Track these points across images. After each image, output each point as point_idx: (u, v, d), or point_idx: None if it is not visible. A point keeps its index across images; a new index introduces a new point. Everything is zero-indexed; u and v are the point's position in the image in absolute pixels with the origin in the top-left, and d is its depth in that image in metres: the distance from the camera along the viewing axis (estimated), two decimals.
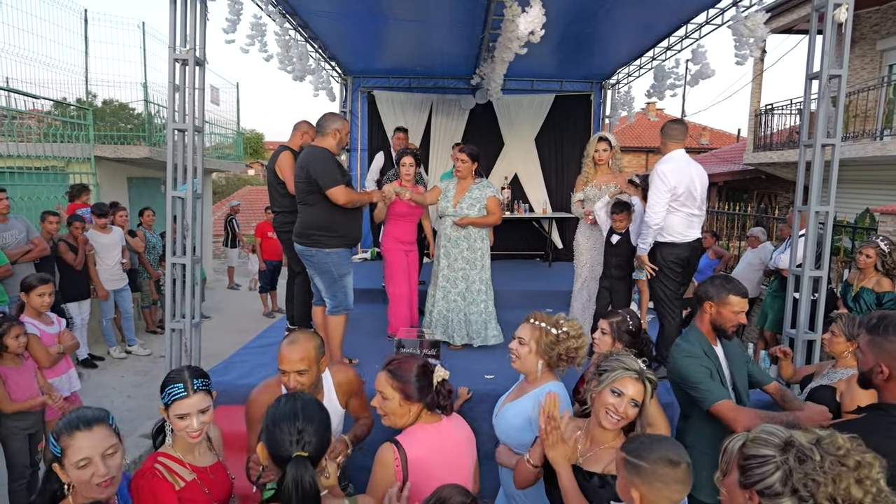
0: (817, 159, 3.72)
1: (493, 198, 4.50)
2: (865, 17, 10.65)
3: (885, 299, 4.12)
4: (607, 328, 2.67)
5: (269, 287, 9.07)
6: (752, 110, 12.65)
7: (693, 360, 2.40)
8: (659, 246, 3.76)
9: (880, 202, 7.36)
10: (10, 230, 5.06)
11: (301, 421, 1.55)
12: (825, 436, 1.22)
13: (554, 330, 2.23)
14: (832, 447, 1.19)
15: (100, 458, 1.55)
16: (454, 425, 2.07)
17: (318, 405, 1.66)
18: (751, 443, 1.27)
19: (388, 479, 1.84)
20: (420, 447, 1.89)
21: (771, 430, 1.27)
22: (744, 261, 6.59)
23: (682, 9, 5.37)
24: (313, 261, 3.79)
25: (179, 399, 1.85)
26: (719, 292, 2.44)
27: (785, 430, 1.26)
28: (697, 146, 22.92)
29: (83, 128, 8.17)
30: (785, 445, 1.22)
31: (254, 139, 33.31)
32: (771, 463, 1.21)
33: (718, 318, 2.45)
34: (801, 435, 1.23)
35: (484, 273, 4.53)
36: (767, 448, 1.23)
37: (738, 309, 2.42)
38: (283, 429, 1.54)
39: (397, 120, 7.93)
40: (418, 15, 5.26)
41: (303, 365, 2.09)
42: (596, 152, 4.50)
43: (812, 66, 3.78)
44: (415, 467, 1.85)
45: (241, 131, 14.20)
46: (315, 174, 3.60)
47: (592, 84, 8.39)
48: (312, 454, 1.54)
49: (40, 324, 3.43)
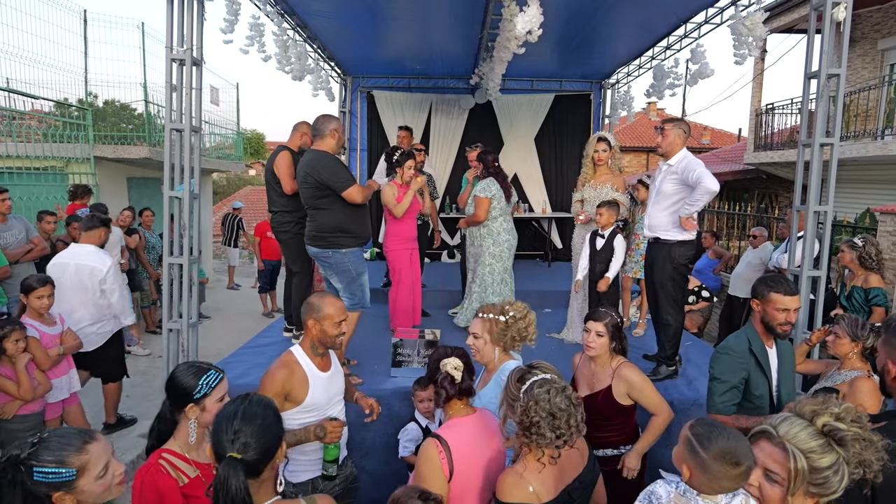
0: (816, 159, 3.71)
1: (476, 196, 4.75)
2: (866, 17, 10.63)
3: (871, 295, 4.14)
4: (603, 330, 2.66)
5: (269, 287, 9.07)
6: (753, 110, 12.63)
7: (727, 357, 2.48)
8: (675, 245, 3.73)
9: (881, 202, 7.35)
10: (10, 230, 5.06)
11: (239, 421, 1.51)
12: (842, 411, 1.51)
13: (501, 317, 2.44)
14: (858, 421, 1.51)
15: (113, 458, 1.56)
16: (488, 421, 2.13)
17: (266, 408, 1.59)
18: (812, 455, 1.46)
19: (436, 473, 1.88)
20: (461, 439, 1.96)
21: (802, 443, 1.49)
22: (744, 260, 6.57)
23: (681, 8, 5.36)
24: (330, 262, 3.79)
25: (220, 383, 1.97)
26: (762, 290, 2.48)
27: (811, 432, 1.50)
28: (698, 146, 22.91)
29: (83, 128, 8.18)
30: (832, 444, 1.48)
31: (254, 139, 33.33)
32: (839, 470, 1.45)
33: (766, 317, 2.47)
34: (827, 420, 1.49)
35: (483, 268, 4.78)
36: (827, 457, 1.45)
37: (780, 307, 2.42)
38: (222, 427, 1.51)
39: (397, 120, 7.93)
40: (417, 14, 5.26)
41: (344, 315, 2.44)
42: (595, 152, 4.50)
43: (811, 65, 3.77)
44: (458, 459, 1.90)
45: (242, 131, 14.21)
46: (325, 179, 3.59)
47: (592, 84, 8.38)
48: (249, 457, 1.48)
49: (41, 325, 3.42)
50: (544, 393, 1.71)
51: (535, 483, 1.73)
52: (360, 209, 3.81)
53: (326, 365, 2.46)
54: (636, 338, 5.00)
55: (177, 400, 1.93)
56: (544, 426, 1.68)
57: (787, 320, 2.43)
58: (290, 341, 4.65)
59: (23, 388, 3.09)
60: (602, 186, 4.49)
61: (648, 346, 4.42)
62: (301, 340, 2.49)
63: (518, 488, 1.72)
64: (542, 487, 1.74)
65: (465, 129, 8.32)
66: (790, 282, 2.50)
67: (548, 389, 1.72)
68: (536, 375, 1.81)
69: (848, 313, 4.02)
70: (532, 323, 2.53)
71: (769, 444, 1.53)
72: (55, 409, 3.47)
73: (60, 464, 1.42)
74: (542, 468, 1.74)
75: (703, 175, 3.49)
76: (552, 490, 1.76)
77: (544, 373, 1.83)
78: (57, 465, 1.41)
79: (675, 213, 3.69)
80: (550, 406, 1.69)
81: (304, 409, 2.34)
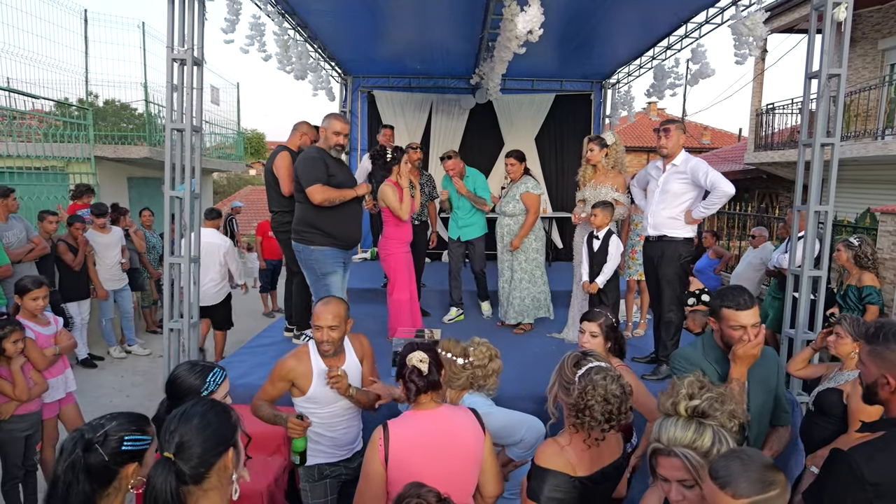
0: (816, 159, 3.71)
1: (530, 193, 4.89)
2: (867, 17, 10.63)
3: (864, 293, 4.17)
4: (597, 330, 2.67)
5: (270, 287, 9.07)
6: (754, 110, 12.63)
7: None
8: (681, 243, 3.76)
9: (881, 202, 7.34)
10: (11, 229, 5.07)
11: (177, 420, 1.45)
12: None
13: (460, 360, 2.38)
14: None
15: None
16: (453, 417, 2.06)
17: (212, 409, 1.50)
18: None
19: (372, 457, 1.94)
20: (406, 430, 1.97)
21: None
22: (744, 260, 6.58)
23: (681, 8, 5.36)
24: (301, 257, 3.87)
25: (224, 380, 2.01)
26: (714, 305, 2.22)
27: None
28: (699, 146, 22.89)
29: (83, 128, 8.19)
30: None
31: (255, 139, 33.35)
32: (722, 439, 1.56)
33: (724, 336, 2.19)
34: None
35: (527, 263, 4.98)
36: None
37: (734, 323, 2.12)
38: (164, 426, 1.47)
39: (397, 120, 7.93)
40: (417, 14, 5.26)
41: (335, 321, 2.43)
42: (586, 152, 4.54)
43: (811, 65, 3.77)
44: (395, 451, 1.93)
45: (242, 131, 14.21)
46: (298, 173, 3.75)
47: (592, 84, 8.38)
48: (185, 459, 1.38)
49: (35, 325, 3.41)
50: (601, 379, 1.79)
51: (573, 457, 1.82)
52: (340, 210, 3.80)
53: (334, 365, 2.52)
54: (637, 338, 5.01)
55: (181, 399, 1.90)
56: (597, 410, 1.76)
57: (743, 338, 2.10)
58: (290, 341, 4.66)
59: (18, 389, 3.09)
60: (602, 186, 4.49)
61: (648, 347, 4.41)
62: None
63: (557, 457, 1.82)
64: (581, 463, 1.83)
65: (465, 129, 8.32)
66: (745, 293, 2.17)
67: (604, 376, 1.80)
68: (591, 362, 1.87)
69: (844, 312, 4.04)
70: (494, 373, 2.43)
71: (665, 459, 1.58)
72: (52, 409, 3.47)
73: (143, 432, 1.48)
74: (585, 448, 1.82)
75: (719, 179, 3.55)
76: (588, 468, 1.84)
77: (598, 360, 1.89)
78: (141, 434, 1.47)
79: (682, 213, 3.76)
80: (606, 392, 1.77)
81: (308, 400, 2.49)
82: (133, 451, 1.44)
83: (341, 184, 3.80)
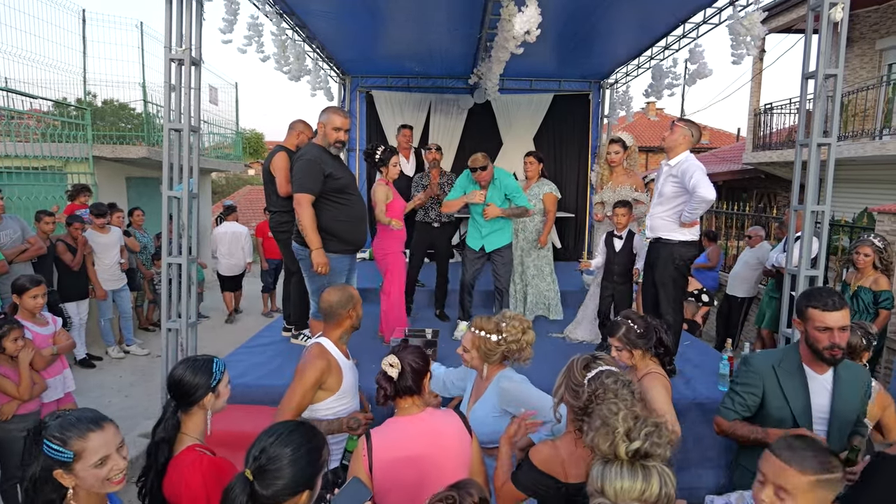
0: (813, 158, 3.72)
1: (551, 195, 5.14)
2: (864, 17, 10.65)
3: (882, 297, 4.13)
4: (619, 344, 2.54)
5: (272, 286, 9.07)
6: (752, 110, 12.65)
7: (742, 367, 2.31)
8: (677, 245, 3.71)
9: (879, 201, 7.35)
10: (5, 229, 5.05)
11: (273, 444, 1.44)
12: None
13: (493, 336, 2.39)
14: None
15: (116, 454, 1.54)
16: (437, 421, 2.05)
17: (306, 449, 1.47)
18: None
19: (358, 469, 1.93)
20: (386, 439, 1.97)
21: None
22: (741, 260, 6.58)
23: (679, 8, 5.37)
24: (305, 262, 3.78)
25: (225, 369, 1.98)
26: (800, 305, 2.12)
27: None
28: (697, 146, 22.85)
29: (81, 128, 8.18)
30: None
31: (254, 139, 33.29)
32: (667, 481, 1.46)
33: (808, 338, 2.11)
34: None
35: (539, 260, 5.24)
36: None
37: (820, 324, 2.04)
38: (255, 441, 1.47)
39: (396, 120, 7.92)
40: (416, 14, 5.26)
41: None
42: (608, 154, 4.52)
43: (808, 65, 3.78)
44: (379, 459, 1.92)
45: (241, 131, 14.20)
46: (292, 173, 3.72)
47: (591, 84, 8.38)
48: (262, 484, 1.40)
49: (34, 325, 3.41)
50: (612, 383, 1.77)
51: (568, 462, 1.81)
52: (348, 211, 3.74)
53: (347, 354, 2.59)
54: None
55: (191, 397, 1.89)
56: None
57: (832, 342, 2.04)
58: (288, 341, 4.66)
59: (22, 387, 3.10)
60: (621, 187, 4.49)
61: None
62: (325, 333, 2.57)
63: (551, 460, 1.82)
64: (574, 469, 1.80)
65: (463, 128, 8.32)
66: (835, 294, 2.08)
67: (615, 380, 1.78)
68: (601, 366, 1.85)
69: (858, 319, 4.00)
70: (528, 345, 2.44)
71: None
72: (50, 409, 3.47)
73: (63, 443, 1.47)
74: (583, 455, 1.76)
75: (699, 183, 3.42)
76: (582, 475, 1.78)
77: (608, 364, 1.87)
78: (59, 444, 1.47)
79: (676, 215, 3.71)
80: (616, 397, 1.75)
81: (339, 397, 2.46)
82: (52, 459, 1.48)
83: (344, 186, 3.71)
